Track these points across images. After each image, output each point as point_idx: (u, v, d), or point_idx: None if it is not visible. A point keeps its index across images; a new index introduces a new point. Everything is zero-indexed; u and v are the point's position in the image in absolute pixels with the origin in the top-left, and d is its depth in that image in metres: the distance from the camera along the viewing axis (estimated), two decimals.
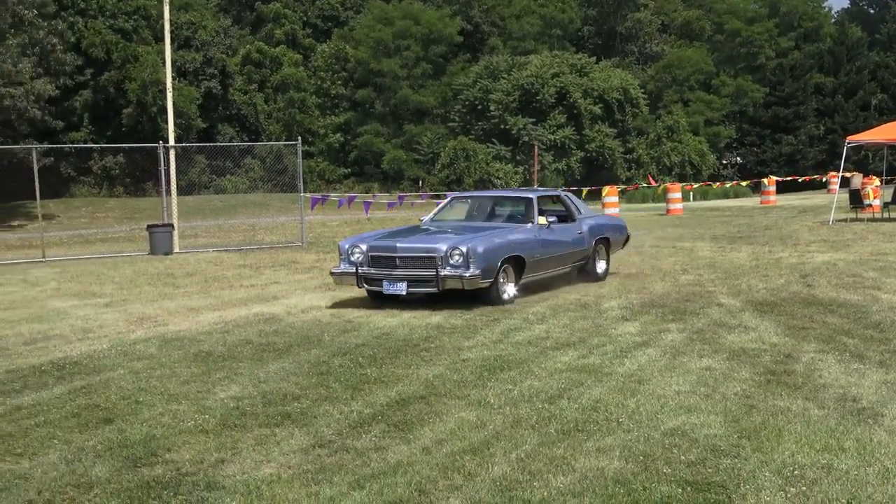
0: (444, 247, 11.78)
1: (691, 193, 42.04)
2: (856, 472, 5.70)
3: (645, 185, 47.02)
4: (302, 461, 6.20)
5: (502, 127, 56.96)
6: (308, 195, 29.55)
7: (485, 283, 11.78)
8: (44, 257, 23.32)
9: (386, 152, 60.42)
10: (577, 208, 14.81)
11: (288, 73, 62.11)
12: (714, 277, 14.68)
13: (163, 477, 5.97)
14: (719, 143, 69.07)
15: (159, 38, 46.35)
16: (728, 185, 49.85)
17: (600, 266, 14.73)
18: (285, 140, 50.12)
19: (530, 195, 14.23)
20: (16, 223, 38.60)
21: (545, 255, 13.14)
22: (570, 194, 15.70)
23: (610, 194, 31.06)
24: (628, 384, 7.90)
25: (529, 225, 13.31)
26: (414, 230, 13.99)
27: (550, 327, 10.73)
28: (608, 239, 14.95)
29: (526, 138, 55.05)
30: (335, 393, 7.94)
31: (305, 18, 68.63)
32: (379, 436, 6.69)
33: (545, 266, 13.27)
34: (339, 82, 64.42)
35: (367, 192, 50.32)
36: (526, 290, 13.47)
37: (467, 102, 59.90)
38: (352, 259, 12.46)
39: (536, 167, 36.10)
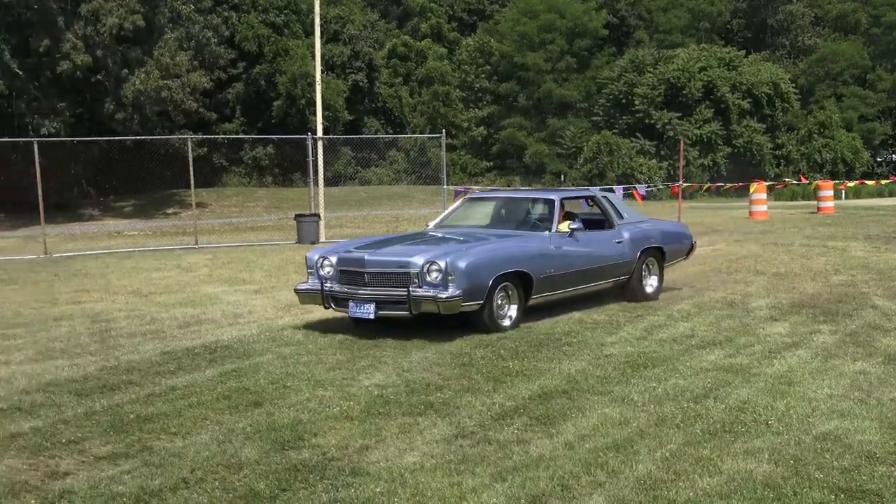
0: (420, 261, 9.57)
1: (843, 191, 40.60)
2: None
3: (795, 182, 45.76)
4: (445, 451, 6.21)
5: (647, 121, 56.07)
6: (451, 188, 29.63)
7: (470, 306, 9.59)
8: (196, 244, 24.12)
9: (528, 146, 60.19)
10: (619, 212, 12.26)
11: (433, 67, 62.44)
12: (868, 278, 14.13)
13: (309, 461, 6.07)
14: (874, 140, 66.60)
15: (309, 33, 47.29)
16: (883, 183, 47.93)
17: (650, 283, 12.31)
18: (429, 133, 50.37)
19: (553, 196, 11.63)
20: (171, 211, 40.02)
21: (564, 269, 10.82)
22: (610, 195, 13.17)
23: (758, 191, 30.14)
24: (777, 386, 7.66)
25: (546, 233, 11.04)
26: (403, 238, 11.79)
27: (696, 325, 10.49)
28: (661, 249, 12.44)
29: (671, 133, 54.07)
30: (477, 384, 7.93)
31: (451, 12, 68.95)
32: (521, 429, 6.66)
33: (565, 283, 10.95)
34: (483, 76, 64.47)
35: (508, 185, 50.34)
36: (674, 287, 13.24)
37: (611, 97, 59.15)
38: (321, 273, 10.37)
39: (682, 162, 35.36)
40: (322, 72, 28.34)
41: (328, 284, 10.19)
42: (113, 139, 35.19)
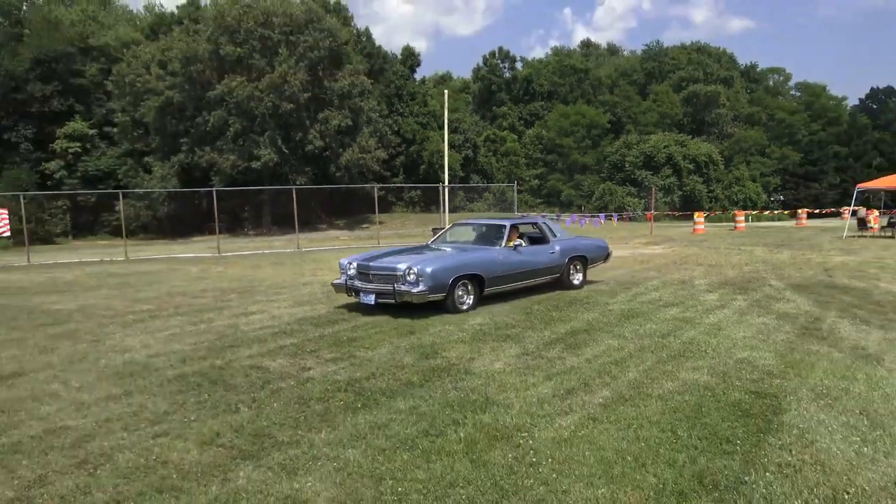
0: (403, 266, 8.62)
1: (750, 217, 38.79)
2: (865, 394, 5.07)
3: (719, 212, 43.99)
4: (516, 362, 6.15)
5: (632, 176, 54.52)
6: (519, 215, 29.41)
7: (436, 297, 8.56)
8: (378, 243, 24.39)
9: (563, 191, 59.49)
10: (553, 233, 10.88)
11: (509, 146, 62.16)
12: (766, 268, 13.46)
13: (440, 365, 6.08)
14: (770, 187, 63.49)
15: (440, 127, 47.49)
16: (774, 213, 45.62)
17: (576, 278, 10.83)
18: (506, 183, 50.03)
19: (505, 223, 10.35)
20: (364, 226, 40.66)
21: (510, 271, 9.57)
22: (548, 221, 11.54)
23: (699, 217, 29.02)
24: (712, 330, 7.35)
25: (498, 247, 9.74)
26: (402, 251, 10.30)
27: (662, 294, 10.16)
28: (584, 257, 11.00)
29: (647, 183, 52.40)
30: (534, 325, 7.84)
31: (520, 115, 68.19)
32: (560, 350, 6.55)
33: (511, 279, 9.66)
34: (538, 150, 63.67)
35: (552, 213, 49.68)
36: (649, 272, 12.85)
37: (611, 162, 57.64)
38: (348, 273, 9.35)
39: (653, 200, 34.33)
40: (448, 149, 28.47)
41: (350, 281, 9.20)
42: (334, 187, 35.98)
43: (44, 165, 39.75)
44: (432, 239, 11.34)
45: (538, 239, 10.73)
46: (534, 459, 3.97)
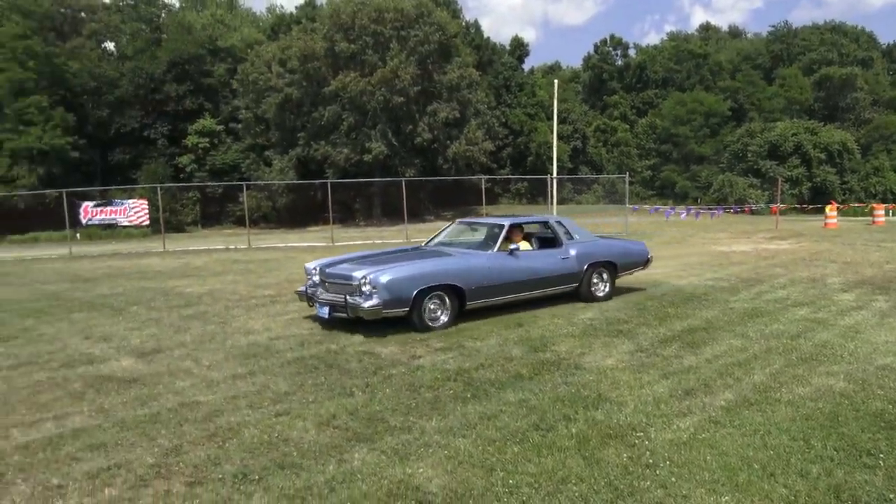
0: (359, 275, 7.11)
1: (891, 211, 35.35)
2: None
3: (854, 205, 40.48)
4: (629, 359, 5.95)
5: (755, 167, 51.23)
6: (630, 207, 28.49)
7: (395, 313, 7.02)
8: None
9: (678, 182, 56.95)
10: (570, 234, 8.94)
11: (620, 136, 60.28)
12: None
13: (550, 359, 5.99)
14: None
15: (549, 117, 46.83)
16: None
17: (600, 289, 8.90)
18: (617, 174, 48.55)
19: (503, 222, 8.44)
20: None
21: (502, 280, 7.81)
22: (565, 220, 9.29)
23: (831, 209, 26.78)
24: (848, 333, 6.76)
25: (489, 252, 7.99)
26: (383, 255, 8.53)
27: (790, 292, 9.44)
28: (611, 263, 9.04)
29: (771, 174, 49.07)
30: (648, 321, 7.55)
31: (632, 103, 65.80)
32: (677, 349, 6.27)
33: (504, 291, 7.91)
34: (651, 140, 61.26)
35: (666, 205, 47.81)
36: (775, 269, 12.02)
37: (732, 152, 54.47)
38: (313, 279, 7.91)
39: (779, 193, 32.11)
40: (556, 140, 28.01)
41: (312, 289, 7.84)
42: (441, 178, 36.45)
43: (177, 160, 43.00)
44: (427, 239, 9.48)
45: (548, 241, 8.93)
46: (650, 461, 3.82)
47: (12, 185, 36.90)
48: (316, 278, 7.88)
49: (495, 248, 8.04)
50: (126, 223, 30.17)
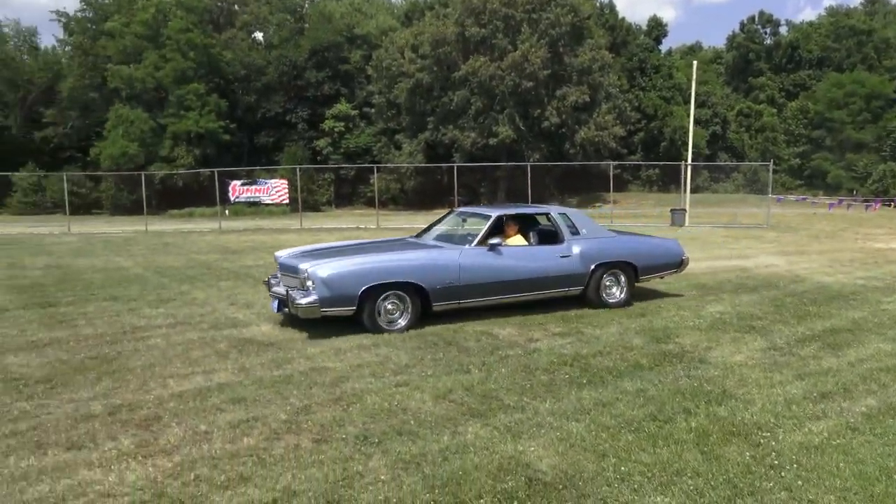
0: (304, 267, 6.40)
1: None
2: None
3: None
4: (761, 356, 5.64)
5: None
6: (773, 197, 26.51)
7: (337, 312, 6.29)
8: (611, 223, 23.78)
9: (830, 171, 52.08)
10: (576, 228, 7.67)
11: (766, 121, 55.88)
12: None
13: (673, 351, 5.82)
14: None
15: (686, 101, 44.47)
16: None
17: (612, 294, 7.66)
18: (760, 162, 45.26)
19: (492, 213, 7.41)
20: (597, 204, 39.93)
21: (477, 280, 6.81)
22: (572, 212, 8.18)
23: None
24: None
25: (464, 247, 6.96)
26: (349, 246, 7.85)
27: None
28: (629, 264, 7.75)
29: None
30: (785, 318, 7.08)
31: (781, 85, 60.83)
32: (815, 349, 5.85)
33: (481, 292, 6.90)
34: (801, 126, 56.41)
35: (814, 196, 43.97)
36: None
37: None
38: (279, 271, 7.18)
39: None
40: (693, 125, 26.52)
41: (273, 279, 7.21)
42: (568, 164, 35.87)
43: (315, 143, 45.50)
44: (428, 232, 8.19)
45: (550, 236, 7.72)
46: (775, 462, 3.63)
47: (173, 164, 40.93)
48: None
49: (473, 244, 7.01)
50: (268, 201, 32.43)
